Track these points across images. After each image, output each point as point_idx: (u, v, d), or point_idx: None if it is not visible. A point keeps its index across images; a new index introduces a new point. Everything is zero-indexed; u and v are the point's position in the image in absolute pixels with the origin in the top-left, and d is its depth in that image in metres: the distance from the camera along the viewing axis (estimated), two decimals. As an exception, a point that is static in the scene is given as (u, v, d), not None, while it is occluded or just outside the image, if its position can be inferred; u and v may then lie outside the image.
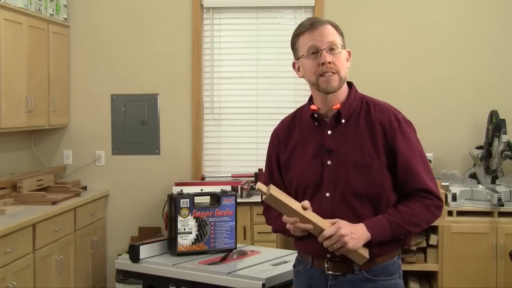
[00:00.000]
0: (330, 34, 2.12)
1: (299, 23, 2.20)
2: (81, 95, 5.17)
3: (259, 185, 2.07)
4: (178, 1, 5.09)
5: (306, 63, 2.14)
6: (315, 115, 2.19)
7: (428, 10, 4.96)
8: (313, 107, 2.19)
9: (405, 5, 4.98)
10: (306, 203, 2.06)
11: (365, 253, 2.07)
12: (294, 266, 2.34)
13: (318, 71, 2.11)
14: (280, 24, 5.22)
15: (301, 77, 2.23)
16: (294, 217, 2.04)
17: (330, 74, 2.10)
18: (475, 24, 4.94)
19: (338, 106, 2.15)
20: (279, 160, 2.27)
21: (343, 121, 2.15)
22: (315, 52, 2.11)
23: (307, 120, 2.21)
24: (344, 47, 2.15)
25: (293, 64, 2.23)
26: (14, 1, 4.22)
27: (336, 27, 2.16)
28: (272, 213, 2.27)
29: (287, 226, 2.09)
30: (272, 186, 2.05)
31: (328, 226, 2.03)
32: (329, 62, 2.09)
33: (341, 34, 2.17)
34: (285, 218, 2.09)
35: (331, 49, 2.11)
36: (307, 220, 2.03)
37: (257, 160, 5.04)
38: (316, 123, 2.19)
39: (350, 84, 2.23)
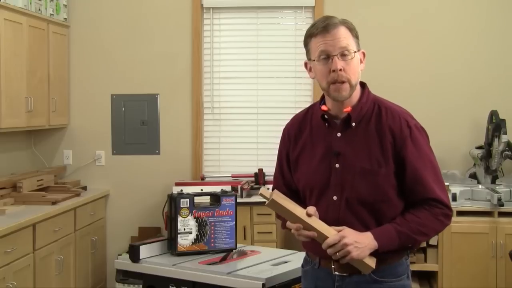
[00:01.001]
0: (343, 38, 2.06)
1: (313, 22, 2.15)
2: (81, 95, 5.17)
3: (262, 191, 2.05)
4: (178, 1, 5.09)
5: (317, 68, 2.10)
6: (326, 116, 2.16)
7: (428, 10, 4.96)
8: (323, 108, 2.16)
9: (405, 6, 4.98)
10: (311, 209, 2.04)
11: (372, 262, 2.04)
12: (302, 266, 2.33)
13: (329, 78, 2.07)
14: (280, 24, 5.22)
15: (313, 78, 2.19)
16: (297, 223, 2.03)
17: (341, 82, 2.06)
18: (475, 24, 4.94)
19: (349, 109, 2.12)
20: (289, 157, 2.26)
21: (353, 124, 2.12)
22: (327, 57, 2.07)
23: (318, 119, 2.19)
24: (358, 49, 2.11)
25: (305, 64, 2.19)
26: (14, 1, 4.22)
27: (350, 29, 2.10)
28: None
29: (292, 231, 2.08)
30: (275, 192, 2.03)
31: (333, 234, 2.01)
32: (340, 70, 2.05)
33: (356, 36, 2.11)
34: (289, 224, 2.07)
35: (343, 55, 2.06)
36: (311, 227, 2.01)
37: (257, 160, 5.05)
38: (326, 124, 2.17)
39: (363, 85, 2.19)
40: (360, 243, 2.00)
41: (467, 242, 4.35)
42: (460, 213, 4.41)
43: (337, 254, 2.00)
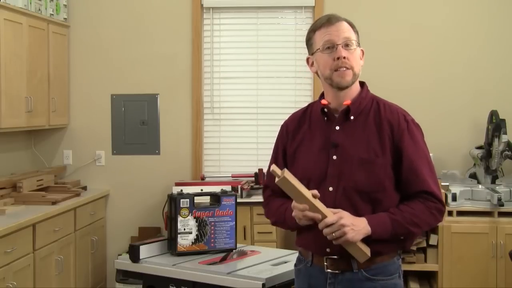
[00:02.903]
0: (346, 30, 2.16)
1: (315, 20, 2.22)
2: (81, 95, 5.17)
3: (274, 167, 2.06)
4: (178, 1, 5.09)
5: (321, 57, 2.16)
6: (325, 110, 2.20)
7: (428, 10, 4.96)
8: (323, 101, 2.21)
9: (405, 6, 4.99)
10: (316, 192, 2.07)
11: (367, 250, 2.07)
12: (295, 265, 2.34)
13: (333, 66, 2.13)
14: (280, 24, 5.22)
15: (314, 72, 2.24)
16: (304, 204, 2.04)
17: (344, 69, 2.12)
18: (475, 25, 4.94)
19: (348, 102, 2.17)
20: (285, 152, 2.29)
21: (352, 117, 2.17)
22: (331, 46, 2.13)
23: (317, 114, 2.23)
24: (358, 44, 2.18)
25: (307, 59, 2.25)
26: (14, 1, 4.22)
27: (352, 25, 2.19)
28: (273, 205, 2.29)
29: (294, 213, 2.08)
30: (286, 170, 2.04)
31: (331, 215, 2.04)
32: (344, 57, 2.11)
33: (356, 32, 2.19)
34: (294, 204, 2.08)
35: (347, 45, 2.14)
36: (315, 209, 2.03)
37: (257, 160, 5.05)
38: (325, 118, 2.21)
39: (362, 84, 2.25)
40: (355, 226, 2.03)
41: (467, 242, 4.35)
42: (460, 213, 4.41)
43: (333, 234, 2.02)
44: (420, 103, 4.88)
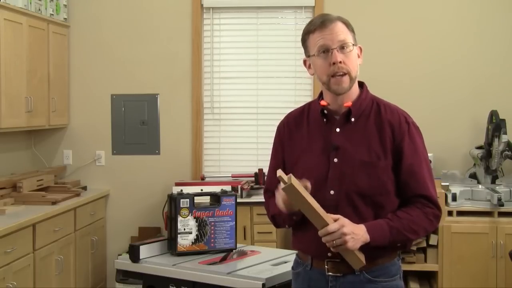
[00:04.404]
0: (341, 32, 2.10)
1: (309, 20, 2.18)
2: (81, 95, 5.17)
3: (280, 173, 2.01)
4: (178, 1, 5.09)
5: (317, 62, 2.12)
6: (325, 111, 2.17)
7: (428, 11, 4.96)
8: (323, 102, 2.17)
9: (405, 5, 4.99)
10: (308, 184, 2.02)
11: (362, 257, 2.04)
12: (292, 268, 2.31)
13: (329, 72, 2.09)
14: (280, 24, 5.22)
15: (312, 75, 2.20)
16: (306, 210, 2.01)
17: (341, 74, 2.08)
18: (475, 24, 4.94)
19: (349, 104, 2.13)
20: (284, 154, 2.24)
21: (352, 119, 2.14)
22: (326, 51, 2.09)
23: (316, 115, 2.19)
24: (355, 44, 2.13)
25: (304, 62, 2.21)
26: (14, 1, 4.22)
27: (347, 24, 2.14)
28: (272, 201, 2.23)
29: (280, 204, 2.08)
30: (293, 177, 1.99)
31: (331, 222, 2.01)
32: (340, 62, 2.07)
33: (352, 31, 2.14)
34: (279, 203, 2.08)
35: (342, 48, 2.09)
36: (318, 216, 2.00)
37: (257, 160, 5.05)
38: (325, 120, 2.17)
39: (361, 85, 2.21)
40: (356, 234, 2.00)
41: (467, 242, 4.35)
42: (460, 213, 4.41)
43: (334, 242, 1.99)
44: (420, 102, 4.88)
